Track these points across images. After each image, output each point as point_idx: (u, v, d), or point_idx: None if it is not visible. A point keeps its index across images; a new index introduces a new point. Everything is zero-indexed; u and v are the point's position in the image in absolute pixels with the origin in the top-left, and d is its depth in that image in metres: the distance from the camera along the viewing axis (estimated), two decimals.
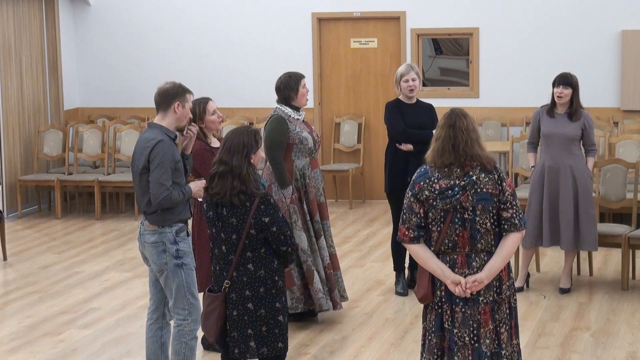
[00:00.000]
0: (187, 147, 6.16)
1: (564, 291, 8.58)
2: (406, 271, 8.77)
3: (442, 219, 4.90)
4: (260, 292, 5.55)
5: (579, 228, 8.45)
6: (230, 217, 5.50)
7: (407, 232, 4.96)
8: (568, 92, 8.36)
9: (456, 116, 4.97)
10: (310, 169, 7.70)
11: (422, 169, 5.00)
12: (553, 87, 8.43)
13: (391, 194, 8.53)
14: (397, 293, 8.63)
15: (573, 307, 8.22)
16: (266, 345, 5.59)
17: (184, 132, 6.14)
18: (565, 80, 8.36)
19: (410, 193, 4.96)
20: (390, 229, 8.94)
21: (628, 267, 8.70)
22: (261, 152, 5.71)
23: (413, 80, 8.42)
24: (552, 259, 9.71)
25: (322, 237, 7.74)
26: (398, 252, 8.60)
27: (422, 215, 4.94)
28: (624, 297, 8.46)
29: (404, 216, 4.98)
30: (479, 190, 4.88)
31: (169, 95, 5.93)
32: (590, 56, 12.08)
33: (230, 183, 5.49)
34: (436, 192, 4.90)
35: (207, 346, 7.22)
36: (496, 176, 4.93)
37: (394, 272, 8.76)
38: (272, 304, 5.59)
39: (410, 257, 8.61)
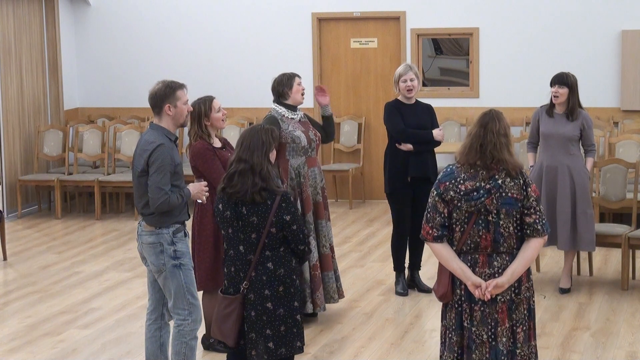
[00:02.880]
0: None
1: (564, 291, 8.58)
2: (406, 271, 8.77)
3: (466, 220, 4.92)
4: (279, 291, 5.51)
5: (576, 228, 8.45)
6: (251, 215, 5.47)
7: (430, 231, 4.97)
8: (564, 91, 8.36)
9: (490, 117, 4.99)
10: (307, 168, 7.70)
11: (448, 169, 5.02)
12: (550, 87, 8.44)
13: (391, 195, 8.53)
14: (397, 293, 8.63)
15: (573, 307, 8.22)
16: (285, 345, 5.55)
17: (198, 201, 6.26)
18: (561, 80, 8.37)
19: (435, 192, 4.97)
20: (390, 228, 8.93)
21: (628, 267, 8.71)
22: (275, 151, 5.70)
23: (411, 80, 8.41)
24: (552, 259, 9.71)
25: (312, 236, 7.69)
26: (398, 252, 8.61)
27: (446, 214, 4.95)
28: (624, 297, 8.46)
29: (428, 215, 4.99)
30: (503, 194, 4.90)
31: (158, 99, 5.92)
32: (590, 56, 12.08)
33: (251, 180, 5.46)
34: (461, 193, 4.91)
35: (207, 346, 7.22)
36: (521, 181, 4.95)
37: (394, 272, 8.75)
38: (290, 303, 5.55)
39: (411, 257, 8.68)
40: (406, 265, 8.75)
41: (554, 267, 9.42)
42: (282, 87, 7.69)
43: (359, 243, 10.72)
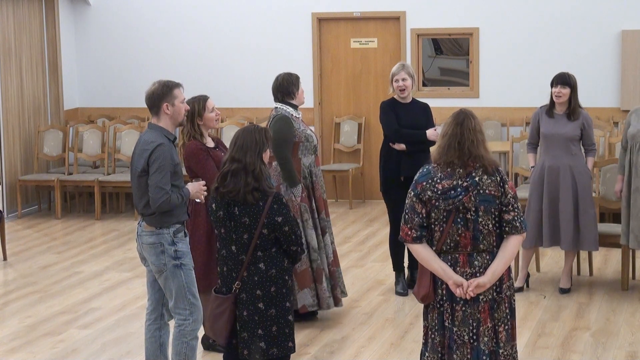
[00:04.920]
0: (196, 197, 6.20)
1: (564, 291, 8.58)
2: (406, 271, 8.78)
3: (444, 219, 4.91)
4: (271, 291, 5.52)
5: (578, 228, 8.44)
6: (243, 216, 5.46)
7: (409, 232, 4.97)
8: (566, 91, 8.36)
9: (465, 115, 5.01)
10: (315, 166, 7.74)
11: (425, 169, 5.01)
12: (551, 87, 8.43)
13: (386, 193, 8.55)
14: (397, 293, 8.63)
15: (573, 307, 8.22)
16: (276, 345, 5.55)
17: (197, 200, 6.26)
18: (564, 80, 8.37)
19: (412, 193, 4.98)
20: (389, 228, 8.93)
21: (628, 267, 8.70)
22: (269, 151, 5.70)
23: (403, 80, 8.41)
24: (552, 259, 9.71)
25: (327, 234, 7.77)
26: (397, 252, 8.61)
27: (425, 215, 4.95)
28: (624, 297, 8.46)
29: (406, 216, 4.98)
30: (481, 191, 4.90)
31: (155, 98, 5.92)
32: (590, 56, 12.08)
33: (244, 180, 5.45)
34: (439, 192, 4.91)
35: (207, 346, 7.22)
36: (498, 178, 4.95)
37: (394, 272, 8.75)
38: (282, 304, 5.55)
39: (410, 257, 8.67)
40: (406, 265, 8.75)
41: (554, 267, 9.42)
42: (291, 86, 7.68)
43: (359, 243, 10.72)
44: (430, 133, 8.41)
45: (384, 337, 7.55)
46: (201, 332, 6.93)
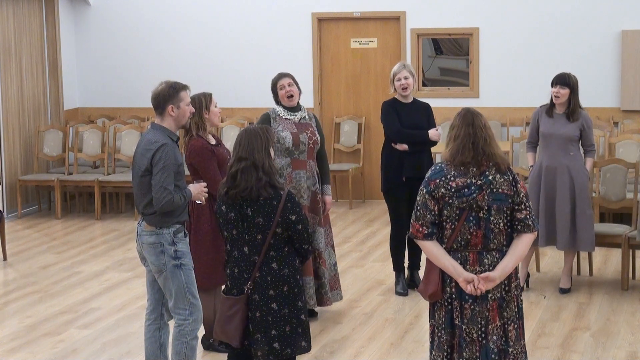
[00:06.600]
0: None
1: (564, 291, 8.58)
2: (406, 271, 8.77)
3: (457, 217, 4.92)
4: (284, 291, 5.49)
5: (575, 228, 8.44)
6: (257, 216, 5.43)
7: (420, 229, 4.97)
8: (565, 92, 8.36)
9: (472, 115, 5.02)
10: (292, 169, 7.68)
11: (437, 167, 5.01)
12: (551, 87, 8.44)
13: (387, 193, 8.54)
14: (397, 293, 8.63)
15: (573, 307, 8.22)
16: (290, 345, 5.52)
17: (197, 201, 6.25)
18: (563, 80, 8.37)
19: (424, 190, 4.97)
20: (390, 228, 8.92)
21: (628, 267, 8.70)
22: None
23: (405, 78, 8.42)
24: (552, 259, 9.71)
25: None
26: (397, 252, 8.61)
27: (437, 212, 4.95)
28: (624, 297, 8.46)
29: (418, 212, 4.98)
30: (494, 190, 4.91)
31: (161, 100, 5.91)
32: (590, 56, 12.08)
33: (255, 176, 5.42)
34: (452, 190, 4.91)
35: (207, 346, 7.22)
36: (510, 177, 4.97)
37: (394, 272, 8.75)
38: (295, 303, 5.53)
39: (410, 257, 8.68)
40: (406, 265, 8.75)
41: (554, 267, 9.42)
42: (272, 91, 7.76)
43: (359, 243, 10.72)
44: (432, 133, 8.41)
45: (384, 337, 7.55)
46: (201, 332, 6.93)
